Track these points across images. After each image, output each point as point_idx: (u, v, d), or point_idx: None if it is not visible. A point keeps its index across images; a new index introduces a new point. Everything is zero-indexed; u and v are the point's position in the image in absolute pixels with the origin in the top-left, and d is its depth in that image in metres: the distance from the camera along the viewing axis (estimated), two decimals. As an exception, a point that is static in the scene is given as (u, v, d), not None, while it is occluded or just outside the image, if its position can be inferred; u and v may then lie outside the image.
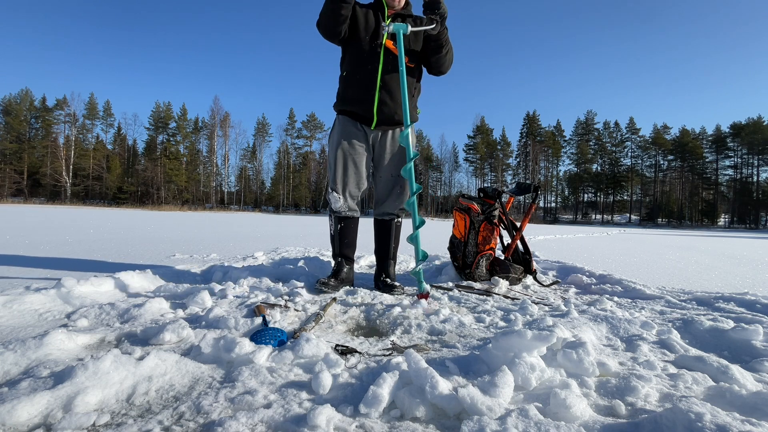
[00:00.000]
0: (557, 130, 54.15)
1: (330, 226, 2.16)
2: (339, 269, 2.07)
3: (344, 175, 2.03)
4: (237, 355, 1.00)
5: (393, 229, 2.14)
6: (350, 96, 1.99)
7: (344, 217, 2.10)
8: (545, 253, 4.23)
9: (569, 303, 1.81)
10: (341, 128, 2.04)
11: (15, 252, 3.11)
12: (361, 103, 1.96)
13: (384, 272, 2.09)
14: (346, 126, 2.03)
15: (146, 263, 2.73)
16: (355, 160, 2.03)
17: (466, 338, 1.28)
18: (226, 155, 52.74)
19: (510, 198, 2.65)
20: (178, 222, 10.23)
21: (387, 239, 2.14)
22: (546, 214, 51.77)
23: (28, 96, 46.65)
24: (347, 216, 2.10)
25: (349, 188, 2.05)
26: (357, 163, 2.04)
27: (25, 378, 0.83)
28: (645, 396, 0.85)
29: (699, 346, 1.25)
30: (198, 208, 41.95)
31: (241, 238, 5.28)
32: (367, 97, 1.94)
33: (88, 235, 5.09)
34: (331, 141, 2.10)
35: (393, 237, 2.15)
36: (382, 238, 2.15)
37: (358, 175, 2.05)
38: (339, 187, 2.05)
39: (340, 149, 2.03)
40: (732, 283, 2.70)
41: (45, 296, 1.50)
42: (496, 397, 0.79)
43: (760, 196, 44.27)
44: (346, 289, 2.00)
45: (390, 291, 1.92)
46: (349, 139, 2.02)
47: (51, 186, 43.75)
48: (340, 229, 2.10)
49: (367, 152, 2.08)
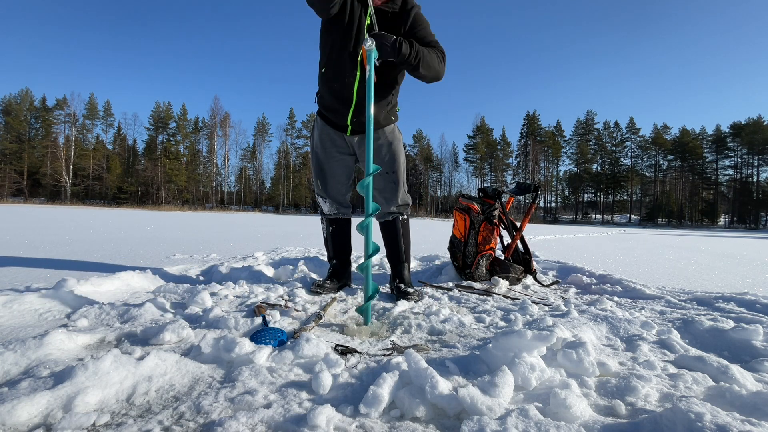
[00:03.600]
0: (557, 130, 54.15)
1: (323, 229, 2.14)
2: (335, 271, 2.05)
3: (323, 183, 2.01)
4: (237, 355, 1.00)
5: (399, 229, 2.05)
6: (327, 104, 1.92)
7: (334, 219, 2.07)
8: (545, 253, 4.23)
9: (569, 303, 1.81)
10: (318, 133, 1.99)
11: (15, 252, 3.11)
12: (336, 113, 1.90)
13: (398, 277, 1.98)
14: (322, 131, 1.98)
15: (146, 263, 2.73)
16: (332, 167, 1.99)
17: (466, 338, 1.28)
18: (226, 155, 52.81)
19: (510, 198, 2.65)
20: (178, 222, 10.23)
21: (396, 241, 2.04)
22: (546, 214, 51.77)
23: (28, 96, 46.65)
24: (337, 218, 2.08)
25: (331, 194, 2.03)
26: (334, 169, 1.99)
27: (25, 378, 0.83)
28: (645, 396, 0.85)
29: (699, 346, 1.25)
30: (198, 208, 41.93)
31: (241, 238, 5.28)
32: (342, 109, 1.87)
33: (88, 235, 5.09)
34: (311, 144, 2.07)
35: (402, 237, 2.05)
36: (390, 241, 2.06)
37: (336, 180, 2.01)
38: (322, 193, 2.04)
39: (316, 158, 2.01)
40: (732, 283, 2.70)
41: (45, 296, 1.50)
42: (496, 397, 0.79)
43: (760, 196, 44.27)
44: (347, 289, 2.00)
45: (406, 297, 1.79)
46: (324, 147, 1.98)
47: (51, 186, 43.74)
48: (332, 231, 2.08)
49: (346, 155, 2.02)
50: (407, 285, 1.93)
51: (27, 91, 46.78)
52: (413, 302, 1.74)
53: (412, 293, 1.82)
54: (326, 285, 1.93)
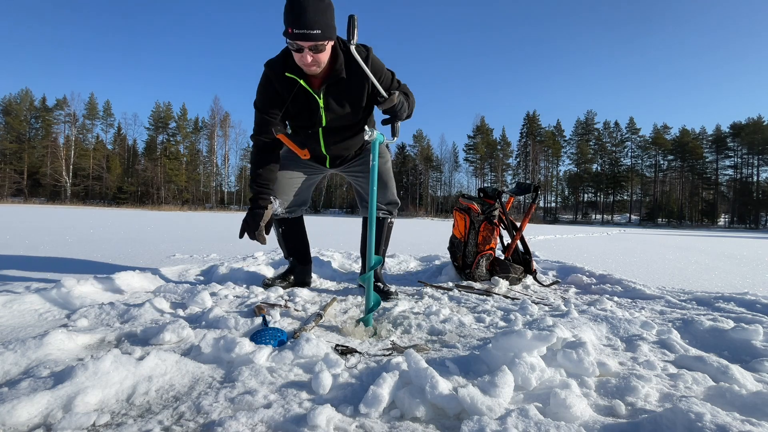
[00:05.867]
0: (557, 130, 54.15)
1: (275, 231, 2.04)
2: (290, 269, 2.04)
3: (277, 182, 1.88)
4: (237, 355, 1.00)
5: (384, 230, 2.03)
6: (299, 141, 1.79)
7: (283, 219, 2.01)
8: (545, 253, 4.23)
9: (569, 303, 1.81)
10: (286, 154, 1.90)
11: (15, 252, 3.11)
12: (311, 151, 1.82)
13: (375, 277, 1.93)
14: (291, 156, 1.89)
15: (146, 263, 2.73)
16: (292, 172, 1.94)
17: (466, 338, 1.28)
18: (226, 155, 52.84)
19: (510, 198, 2.65)
20: (178, 222, 10.22)
21: (377, 240, 2.01)
22: (546, 214, 51.76)
23: (28, 96, 46.64)
24: (286, 218, 2.01)
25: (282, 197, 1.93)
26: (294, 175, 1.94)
27: (25, 378, 0.83)
28: (645, 396, 0.85)
29: (699, 346, 1.25)
30: (198, 208, 41.95)
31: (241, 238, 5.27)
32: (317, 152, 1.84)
33: (88, 235, 5.09)
34: None
35: (383, 238, 2.04)
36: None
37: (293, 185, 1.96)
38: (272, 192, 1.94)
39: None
40: (732, 283, 2.70)
41: (45, 296, 1.50)
42: (496, 397, 0.79)
43: (760, 196, 44.27)
44: (347, 290, 1.99)
45: (387, 297, 1.80)
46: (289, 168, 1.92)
47: (51, 186, 43.77)
48: (282, 233, 2.04)
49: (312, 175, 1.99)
50: (384, 284, 1.91)
51: (27, 91, 46.79)
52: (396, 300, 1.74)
53: (391, 293, 1.83)
54: (276, 282, 1.93)
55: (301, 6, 1.36)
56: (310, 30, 1.38)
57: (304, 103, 1.68)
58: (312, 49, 1.44)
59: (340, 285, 2.15)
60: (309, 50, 1.44)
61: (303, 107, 1.69)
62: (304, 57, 1.46)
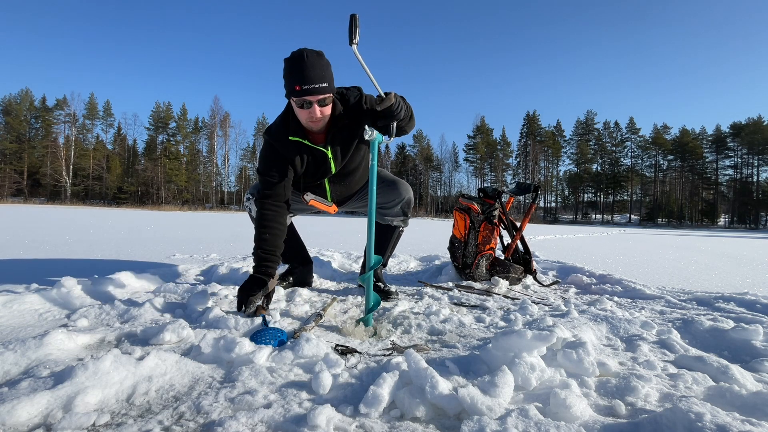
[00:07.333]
0: (557, 130, 54.16)
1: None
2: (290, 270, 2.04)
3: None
4: (237, 355, 1.00)
5: (394, 237, 2.01)
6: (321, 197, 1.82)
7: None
8: (545, 253, 4.23)
9: (569, 303, 1.81)
10: None
11: (15, 252, 3.11)
12: None
13: (375, 277, 1.93)
14: None
15: (146, 263, 2.73)
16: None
17: (466, 338, 1.28)
18: (226, 155, 52.79)
19: (510, 198, 2.65)
20: (178, 222, 10.23)
21: (385, 245, 2.00)
22: (546, 214, 51.77)
23: (28, 96, 46.64)
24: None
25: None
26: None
27: (25, 378, 0.83)
28: (645, 396, 0.85)
29: (699, 346, 1.25)
30: (198, 208, 41.91)
31: (242, 238, 5.27)
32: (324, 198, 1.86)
33: (88, 235, 5.09)
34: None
35: (391, 245, 2.02)
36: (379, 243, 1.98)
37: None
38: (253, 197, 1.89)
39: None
40: (732, 283, 2.70)
41: (45, 296, 1.50)
42: (496, 397, 0.79)
43: (760, 196, 44.27)
44: (347, 290, 1.99)
45: (388, 297, 1.81)
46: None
47: (51, 186, 43.76)
48: None
49: None
50: (385, 285, 1.92)
51: (27, 91, 46.80)
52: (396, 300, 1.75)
53: (391, 294, 1.84)
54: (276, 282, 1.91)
55: (305, 64, 1.42)
56: (318, 84, 1.44)
57: (311, 161, 1.70)
58: (319, 103, 1.48)
59: (340, 285, 2.15)
60: (317, 104, 1.48)
61: (310, 164, 1.71)
62: (313, 112, 1.49)
